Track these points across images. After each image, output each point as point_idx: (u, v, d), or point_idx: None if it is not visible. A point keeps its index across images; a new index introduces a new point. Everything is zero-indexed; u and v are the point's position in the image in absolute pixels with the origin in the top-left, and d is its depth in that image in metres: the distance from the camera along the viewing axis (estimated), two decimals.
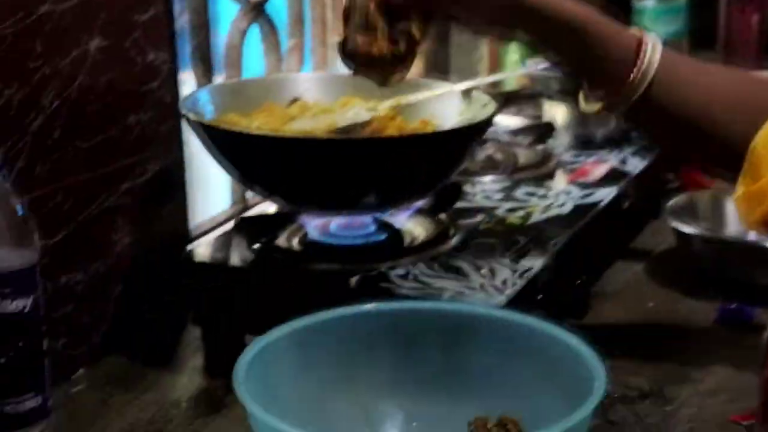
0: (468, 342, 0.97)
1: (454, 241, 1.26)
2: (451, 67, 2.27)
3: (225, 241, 1.27)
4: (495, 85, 2.21)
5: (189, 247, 1.27)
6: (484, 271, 1.18)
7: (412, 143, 1.17)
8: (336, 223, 1.26)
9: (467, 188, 1.47)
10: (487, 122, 1.23)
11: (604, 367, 0.87)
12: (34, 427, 1.01)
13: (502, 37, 1.22)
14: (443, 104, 1.34)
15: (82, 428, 1.09)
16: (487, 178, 1.51)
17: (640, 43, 1.05)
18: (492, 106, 1.27)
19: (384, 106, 1.31)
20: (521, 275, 1.16)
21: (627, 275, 1.47)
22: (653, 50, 1.05)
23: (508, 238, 1.28)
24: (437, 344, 0.97)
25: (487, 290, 1.13)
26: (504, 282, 1.15)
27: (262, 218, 1.28)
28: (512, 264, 1.19)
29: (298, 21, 1.73)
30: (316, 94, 1.38)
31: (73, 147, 1.18)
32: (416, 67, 2.17)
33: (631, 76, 1.04)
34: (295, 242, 1.26)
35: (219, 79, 1.54)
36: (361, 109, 1.27)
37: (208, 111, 1.27)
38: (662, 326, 1.32)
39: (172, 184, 1.33)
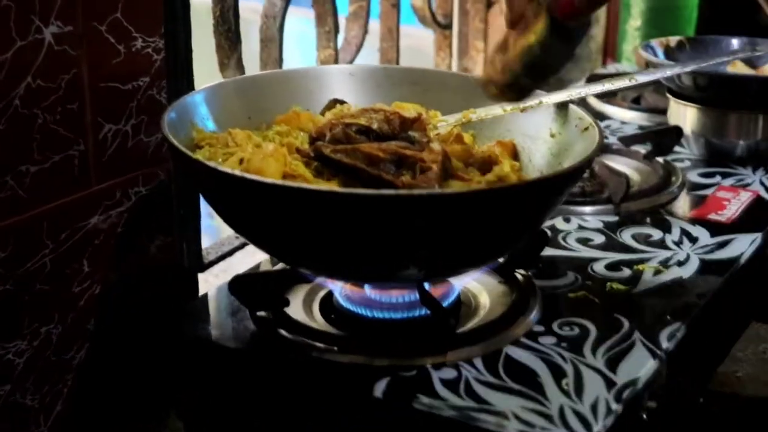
0: None
1: (531, 318, 0.92)
2: None
3: (220, 305, 0.95)
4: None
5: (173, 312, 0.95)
6: (566, 382, 0.83)
7: (468, 201, 0.80)
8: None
9: (559, 224, 1.12)
10: (583, 167, 0.87)
11: None
12: None
13: None
14: (530, 118, 0.99)
15: None
16: (588, 210, 1.15)
17: None
18: (594, 133, 0.91)
19: (446, 125, 0.96)
20: (620, 392, 0.81)
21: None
22: None
23: (607, 318, 0.93)
24: None
25: (568, 422, 0.78)
26: (593, 406, 0.80)
27: (269, 275, 0.95)
28: (607, 369, 0.85)
29: None
30: (362, 94, 1.04)
31: (15, 174, 0.86)
32: None
33: None
34: (313, 311, 0.93)
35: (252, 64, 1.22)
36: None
37: (206, 122, 0.94)
38: None
39: (163, 213, 1.01)
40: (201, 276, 1.11)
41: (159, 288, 1.03)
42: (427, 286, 0.92)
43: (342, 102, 1.03)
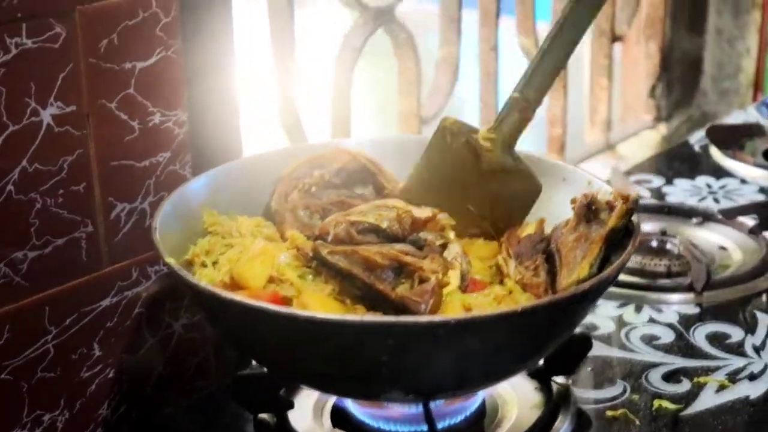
0: None
1: None
2: (705, 57, 1.73)
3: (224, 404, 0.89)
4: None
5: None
6: None
7: (486, 327, 0.71)
8: None
9: (628, 314, 1.00)
10: (611, 279, 0.76)
11: None
12: None
13: None
14: (564, 193, 0.87)
15: None
16: (667, 298, 1.02)
17: None
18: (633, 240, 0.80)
19: None
20: None
21: None
22: None
23: None
24: None
25: None
26: None
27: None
28: None
29: (453, 22, 1.28)
30: (397, 168, 0.95)
31: (9, 261, 0.83)
32: (653, 60, 1.66)
33: None
34: (323, 416, 0.86)
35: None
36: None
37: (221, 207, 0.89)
38: None
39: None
40: None
41: (184, 370, 0.99)
42: None
43: None
